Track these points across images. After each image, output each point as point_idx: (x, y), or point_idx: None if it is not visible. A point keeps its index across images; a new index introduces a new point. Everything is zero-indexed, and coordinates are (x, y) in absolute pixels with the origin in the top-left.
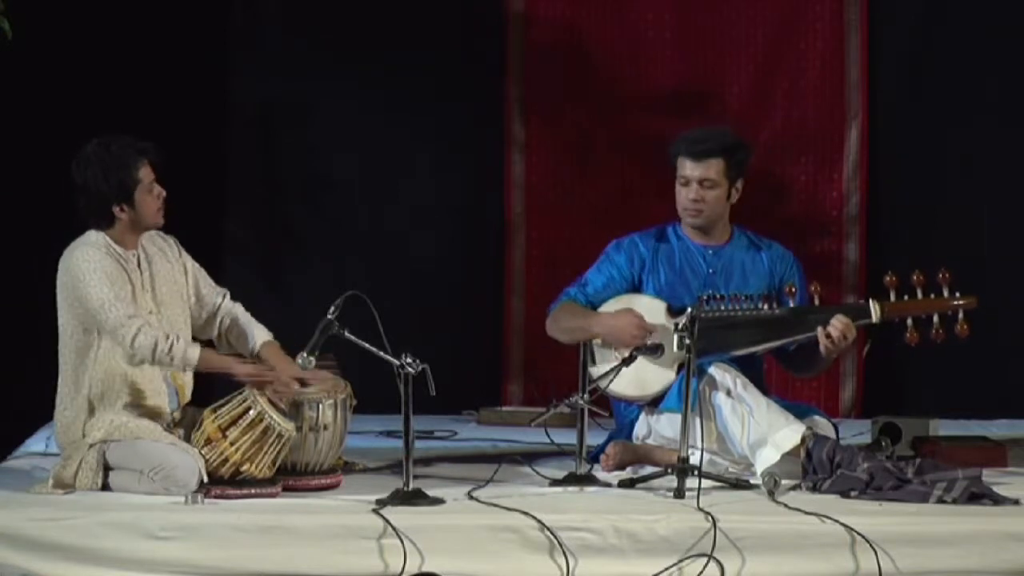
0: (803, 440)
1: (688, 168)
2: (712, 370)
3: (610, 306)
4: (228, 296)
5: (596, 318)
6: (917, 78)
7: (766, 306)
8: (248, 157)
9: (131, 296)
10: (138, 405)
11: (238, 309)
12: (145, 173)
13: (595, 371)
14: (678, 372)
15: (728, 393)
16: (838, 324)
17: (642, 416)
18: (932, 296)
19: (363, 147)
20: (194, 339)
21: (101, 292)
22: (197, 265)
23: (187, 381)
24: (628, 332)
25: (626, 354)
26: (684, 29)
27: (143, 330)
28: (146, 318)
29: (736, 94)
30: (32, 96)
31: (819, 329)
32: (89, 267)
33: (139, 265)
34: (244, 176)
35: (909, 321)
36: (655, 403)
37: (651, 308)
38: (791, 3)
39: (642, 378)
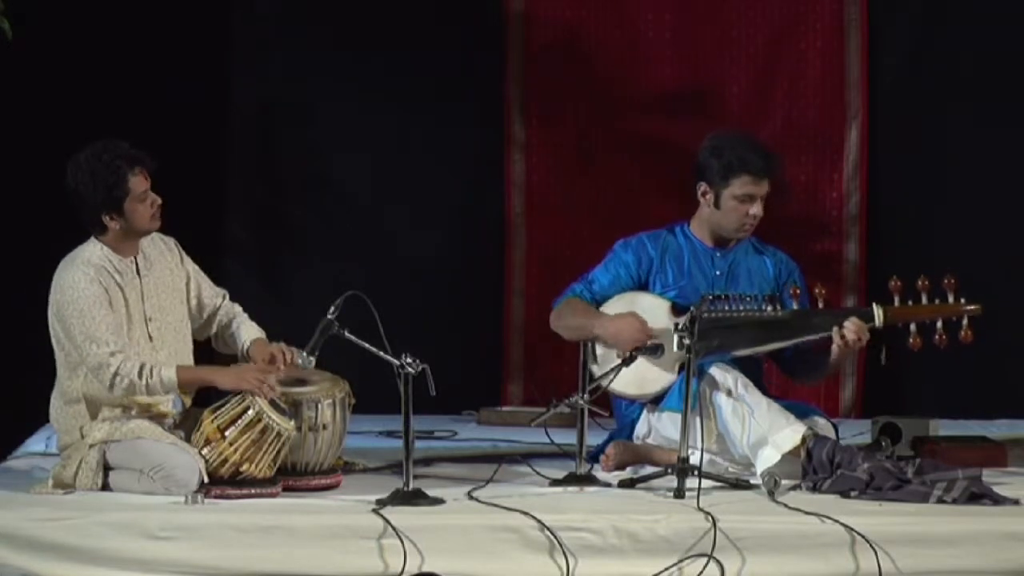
0: (803, 440)
1: (753, 186)
2: (713, 370)
3: (614, 304)
4: (227, 297)
5: (598, 319)
6: (917, 78)
7: (769, 308)
8: (248, 157)
9: (124, 313)
10: (138, 405)
11: (235, 309)
12: (136, 183)
13: (597, 369)
14: (679, 372)
15: (729, 393)
16: (852, 327)
17: (643, 415)
18: (937, 301)
19: (363, 147)
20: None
21: (83, 328)
22: (198, 269)
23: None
24: (630, 336)
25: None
26: (684, 29)
27: (120, 372)
28: (135, 340)
29: (736, 94)
30: (32, 96)
31: (835, 330)
32: (74, 296)
33: (138, 271)
34: (244, 176)
35: (912, 326)
36: (656, 402)
37: (655, 306)
38: (791, 3)
39: (643, 377)
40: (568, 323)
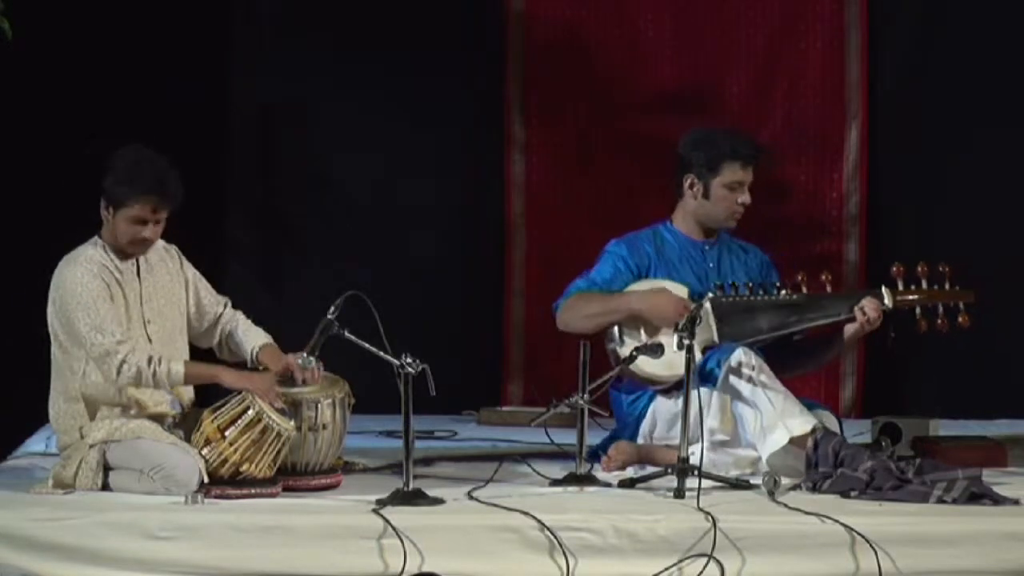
0: (813, 431)
1: (742, 173)
2: (736, 353)
3: (639, 287)
4: (229, 305)
5: (634, 295)
6: (917, 78)
7: (782, 292)
8: (248, 157)
9: (123, 312)
10: (137, 405)
11: (239, 317)
12: (136, 207)
13: (623, 351)
14: (704, 352)
15: (749, 377)
16: (870, 304)
17: (650, 411)
18: (936, 287)
19: (363, 147)
20: (193, 346)
21: (88, 320)
22: (198, 274)
23: (185, 389)
24: (672, 307)
25: (655, 338)
26: (684, 29)
27: (127, 360)
28: (134, 338)
29: (736, 94)
30: (32, 96)
31: (856, 309)
32: (77, 290)
33: (138, 274)
34: (244, 176)
35: (917, 310)
36: (678, 386)
37: (676, 291)
38: (791, 3)
39: (670, 359)
40: (589, 311)
